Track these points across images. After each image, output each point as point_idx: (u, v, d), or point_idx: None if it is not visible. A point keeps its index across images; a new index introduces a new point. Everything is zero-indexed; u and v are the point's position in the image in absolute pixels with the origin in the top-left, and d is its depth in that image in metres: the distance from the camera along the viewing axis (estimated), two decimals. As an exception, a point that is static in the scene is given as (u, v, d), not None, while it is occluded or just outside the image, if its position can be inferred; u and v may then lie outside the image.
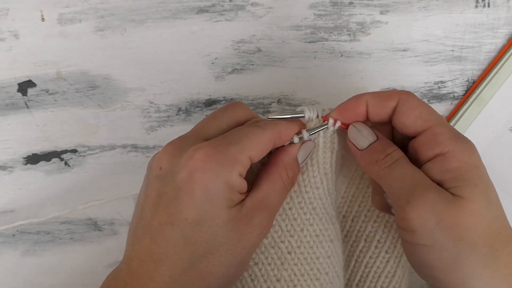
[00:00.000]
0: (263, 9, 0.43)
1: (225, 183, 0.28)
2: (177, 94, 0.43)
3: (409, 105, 0.30)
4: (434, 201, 0.27)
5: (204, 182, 0.27)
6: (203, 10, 0.43)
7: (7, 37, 0.43)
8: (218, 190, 0.27)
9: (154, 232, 0.28)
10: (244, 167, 0.29)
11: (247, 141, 0.29)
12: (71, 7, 0.43)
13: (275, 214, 0.31)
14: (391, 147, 0.31)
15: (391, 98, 0.30)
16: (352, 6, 0.43)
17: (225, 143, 0.29)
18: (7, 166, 0.43)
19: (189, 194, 0.27)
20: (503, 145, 0.42)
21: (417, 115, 0.30)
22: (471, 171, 0.28)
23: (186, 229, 0.27)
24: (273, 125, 0.31)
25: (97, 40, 0.43)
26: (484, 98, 0.42)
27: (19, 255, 0.42)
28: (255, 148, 0.29)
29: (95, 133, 0.43)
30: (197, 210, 0.27)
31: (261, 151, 0.30)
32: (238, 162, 0.28)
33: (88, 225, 0.42)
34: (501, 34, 0.43)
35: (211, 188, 0.27)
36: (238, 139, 0.29)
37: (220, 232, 0.28)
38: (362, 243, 0.35)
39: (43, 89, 0.43)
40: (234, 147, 0.29)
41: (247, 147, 0.29)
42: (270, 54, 0.43)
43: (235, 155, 0.28)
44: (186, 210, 0.27)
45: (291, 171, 0.32)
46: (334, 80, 0.43)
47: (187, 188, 0.27)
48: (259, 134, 0.30)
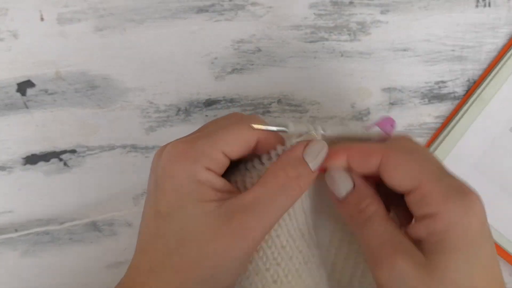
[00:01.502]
0: (263, 8, 0.43)
1: (190, 175, 0.26)
2: (176, 94, 0.43)
3: (393, 163, 0.27)
4: (402, 268, 0.25)
5: (171, 175, 0.27)
6: (202, 10, 0.43)
7: (6, 37, 0.43)
8: (183, 183, 0.26)
9: (142, 224, 0.28)
10: (213, 161, 0.27)
11: (220, 134, 0.27)
12: (71, 6, 0.43)
13: (270, 220, 0.27)
14: (366, 199, 0.28)
15: (372, 155, 0.28)
16: (353, 6, 0.43)
17: (196, 137, 0.28)
18: (6, 167, 0.42)
19: (161, 187, 0.27)
20: (503, 145, 0.42)
21: (403, 174, 0.27)
22: (458, 234, 0.25)
23: (159, 221, 0.27)
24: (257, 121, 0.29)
25: (97, 40, 0.43)
26: (484, 98, 0.42)
27: (18, 256, 0.42)
28: (230, 143, 0.27)
29: (95, 133, 0.43)
30: (167, 202, 0.27)
31: (239, 146, 0.28)
32: (204, 155, 0.27)
33: (87, 225, 0.42)
34: (502, 33, 0.43)
35: (177, 180, 0.27)
36: (212, 132, 0.28)
37: (189, 225, 0.26)
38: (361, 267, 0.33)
39: (42, 89, 0.43)
40: (204, 140, 0.27)
41: (219, 140, 0.27)
42: (270, 54, 0.43)
43: (202, 148, 0.27)
44: (159, 202, 0.27)
45: (293, 170, 0.28)
46: (334, 80, 0.43)
47: (159, 181, 0.27)
48: (237, 128, 0.28)
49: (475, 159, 0.41)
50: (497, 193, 0.41)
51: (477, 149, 0.42)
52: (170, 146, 0.27)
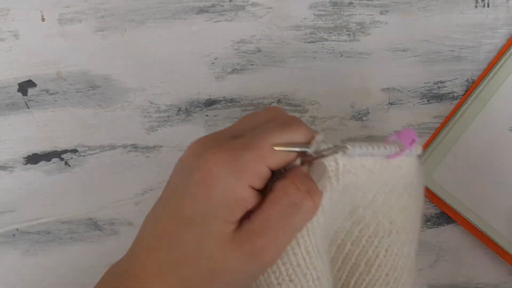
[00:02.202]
0: (263, 9, 0.43)
1: (229, 192, 0.25)
2: (177, 94, 0.43)
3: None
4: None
5: (209, 185, 0.25)
6: (203, 10, 0.43)
7: (7, 37, 0.43)
8: (219, 198, 0.25)
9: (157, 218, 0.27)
10: (257, 178, 0.25)
11: (267, 144, 0.25)
12: (71, 7, 0.43)
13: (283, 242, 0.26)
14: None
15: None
16: (352, 6, 0.43)
17: (241, 146, 0.25)
18: (7, 166, 0.43)
19: (193, 192, 0.26)
20: (502, 145, 0.42)
21: None
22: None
23: (179, 226, 0.26)
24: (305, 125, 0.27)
25: (97, 40, 0.43)
26: (483, 98, 0.42)
27: (19, 255, 0.42)
28: (277, 156, 0.25)
29: (95, 133, 0.43)
30: (193, 210, 0.26)
31: (286, 156, 0.26)
32: (250, 172, 0.25)
33: (88, 225, 0.43)
34: (500, 34, 0.43)
35: (213, 193, 0.25)
36: (258, 142, 0.25)
37: (206, 242, 0.25)
38: (362, 267, 0.33)
39: (43, 89, 0.43)
40: (250, 152, 0.25)
41: (266, 152, 0.25)
42: (270, 54, 0.43)
43: (249, 164, 0.25)
44: (186, 206, 0.26)
45: (303, 185, 0.26)
46: (334, 80, 0.43)
47: (193, 184, 0.25)
48: (285, 134, 0.26)
49: (474, 159, 0.42)
50: (497, 193, 0.41)
51: (476, 149, 0.42)
52: (216, 153, 0.25)
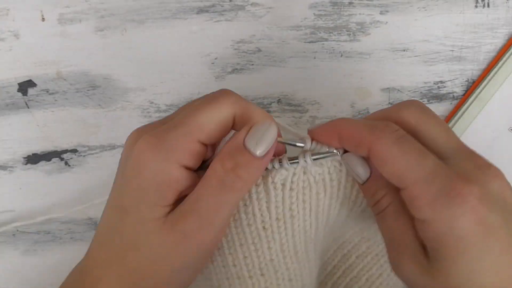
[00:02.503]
0: (263, 9, 0.43)
1: (158, 175, 0.24)
2: (177, 94, 0.43)
3: (380, 159, 0.24)
4: (409, 269, 0.24)
5: (139, 170, 0.25)
6: (203, 10, 0.43)
7: (8, 37, 0.43)
8: (149, 182, 0.24)
9: (103, 213, 0.28)
10: (188, 155, 0.25)
11: (193, 120, 0.25)
12: (71, 7, 0.43)
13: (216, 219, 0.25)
14: (380, 191, 0.26)
15: (360, 145, 0.25)
16: (352, 6, 0.43)
17: (168, 127, 0.25)
18: (7, 166, 0.43)
19: (127, 181, 0.26)
20: (502, 145, 0.42)
21: (389, 172, 0.24)
22: (452, 241, 0.22)
23: (118, 216, 0.26)
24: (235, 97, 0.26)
25: (97, 40, 0.43)
26: (483, 98, 0.42)
27: (19, 255, 0.42)
28: (204, 128, 0.25)
29: (95, 133, 0.43)
30: (128, 198, 0.26)
31: (215, 130, 0.25)
32: (177, 150, 0.24)
33: (88, 224, 0.43)
34: (500, 34, 0.43)
35: (143, 178, 0.25)
36: (184, 120, 0.25)
37: (141, 229, 0.25)
38: (363, 281, 0.33)
39: (43, 89, 0.43)
40: (176, 131, 0.24)
41: (193, 129, 0.24)
42: (270, 54, 0.43)
43: (175, 142, 0.24)
44: (123, 196, 0.26)
45: (230, 161, 0.24)
46: (334, 80, 0.43)
47: (127, 174, 0.26)
48: (210, 110, 0.25)
49: (474, 159, 0.41)
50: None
51: (476, 149, 0.41)
52: (142, 139, 0.25)
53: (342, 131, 0.26)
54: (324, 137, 0.27)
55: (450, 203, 0.22)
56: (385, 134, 0.24)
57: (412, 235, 0.25)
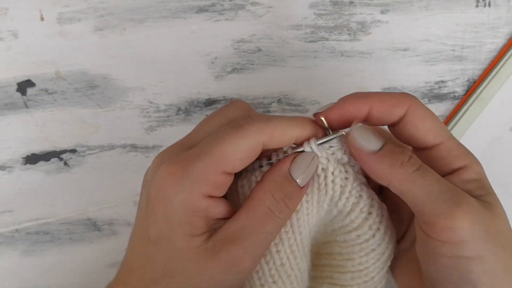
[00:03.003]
0: (263, 8, 0.43)
1: (185, 205, 0.24)
2: (176, 93, 0.43)
3: (420, 115, 0.26)
4: (478, 207, 0.24)
5: (165, 201, 0.25)
6: (203, 10, 0.43)
7: (6, 36, 0.43)
8: (176, 212, 0.24)
9: (131, 241, 0.27)
10: (213, 186, 0.25)
11: (220, 150, 0.24)
12: (71, 6, 0.43)
13: (260, 249, 0.26)
14: (408, 147, 0.27)
15: (399, 105, 0.26)
16: (353, 6, 0.43)
17: (192, 157, 0.25)
18: (6, 166, 0.42)
19: (152, 212, 0.26)
20: (503, 145, 0.42)
21: (428, 128, 0.26)
22: (486, 181, 0.27)
23: (148, 247, 0.26)
24: (260, 123, 0.25)
25: (97, 40, 0.43)
26: (484, 98, 0.42)
27: (18, 255, 0.42)
28: (231, 159, 0.24)
29: (95, 133, 0.43)
30: (157, 229, 0.25)
31: (241, 160, 0.25)
32: (203, 181, 0.24)
33: (87, 225, 0.42)
34: (501, 33, 0.43)
35: (170, 209, 0.25)
36: (209, 150, 0.25)
37: (177, 258, 0.25)
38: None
39: (42, 89, 0.43)
40: (202, 161, 0.24)
41: (220, 159, 0.24)
42: (270, 54, 0.43)
43: (201, 172, 0.24)
44: (150, 227, 0.26)
45: (279, 192, 0.25)
46: (334, 80, 0.43)
47: (152, 204, 0.25)
48: (239, 139, 0.25)
49: (475, 159, 0.41)
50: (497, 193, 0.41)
51: (477, 148, 0.42)
52: (164, 168, 0.25)
53: (372, 96, 0.27)
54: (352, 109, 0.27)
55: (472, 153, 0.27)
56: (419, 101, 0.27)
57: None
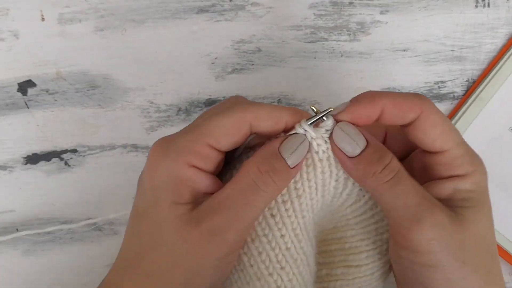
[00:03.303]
0: (263, 9, 0.43)
1: (170, 174, 0.25)
2: (177, 94, 0.43)
3: (431, 122, 0.26)
4: (443, 222, 0.25)
5: (152, 173, 0.26)
6: (203, 10, 0.43)
7: (7, 37, 0.43)
8: (162, 181, 0.25)
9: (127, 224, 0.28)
10: (198, 157, 0.25)
11: (206, 125, 0.25)
12: (71, 7, 0.43)
13: (244, 220, 0.25)
14: (388, 155, 0.26)
15: (412, 109, 0.26)
16: (352, 6, 0.43)
17: (182, 131, 0.26)
18: (7, 166, 0.43)
19: (142, 185, 0.27)
20: (503, 145, 0.42)
21: (437, 135, 0.26)
22: (481, 194, 0.27)
23: (135, 220, 0.27)
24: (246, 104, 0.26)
25: (97, 40, 0.43)
26: (484, 98, 0.42)
27: (19, 255, 0.42)
28: (215, 133, 0.25)
29: (95, 133, 0.43)
30: (144, 201, 0.26)
31: (228, 136, 0.25)
32: (186, 151, 0.25)
33: (88, 225, 0.42)
34: (501, 34, 0.43)
35: (156, 179, 0.25)
36: (198, 125, 0.26)
37: (163, 228, 0.25)
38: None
39: (43, 89, 0.43)
40: (187, 134, 0.26)
41: (205, 132, 0.25)
42: (270, 54, 0.43)
43: (185, 143, 0.25)
44: (137, 200, 0.27)
45: (265, 165, 0.25)
46: (334, 80, 0.43)
47: (142, 178, 0.27)
48: (224, 117, 0.25)
49: (474, 159, 0.41)
50: (497, 193, 0.41)
51: (476, 149, 0.41)
52: (154, 143, 0.26)
53: (385, 98, 0.26)
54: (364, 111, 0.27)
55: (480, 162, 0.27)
56: (433, 105, 0.27)
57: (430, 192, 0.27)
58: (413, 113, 0.26)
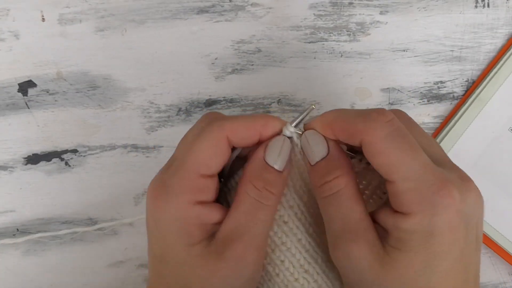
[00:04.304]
0: (263, 9, 0.43)
1: (173, 218, 0.25)
2: (177, 94, 0.43)
3: (372, 149, 0.24)
4: (358, 257, 0.24)
5: (155, 218, 0.26)
6: (203, 11, 0.43)
7: (8, 37, 0.43)
8: (168, 227, 0.25)
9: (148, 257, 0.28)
10: (198, 191, 0.25)
11: (191, 157, 0.25)
12: (71, 7, 0.43)
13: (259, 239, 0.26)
14: (336, 171, 0.25)
15: (354, 134, 0.25)
16: (352, 7, 0.43)
17: (168, 174, 0.26)
18: (8, 166, 0.43)
19: (150, 230, 0.26)
20: (502, 145, 0.42)
21: (380, 163, 0.24)
22: (423, 237, 0.23)
23: (158, 265, 0.27)
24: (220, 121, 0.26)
25: (98, 40, 0.43)
26: (483, 98, 0.42)
27: (19, 255, 0.42)
28: (203, 160, 0.25)
29: (96, 133, 0.43)
30: (158, 247, 0.26)
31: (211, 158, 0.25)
32: (185, 191, 0.25)
33: (88, 225, 0.43)
34: (500, 34, 0.43)
35: (162, 225, 0.25)
36: (180, 161, 0.25)
37: (186, 270, 0.25)
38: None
39: (43, 89, 0.43)
40: (178, 173, 0.25)
41: (193, 164, 0.25)
42: (270, 54, 0.43)
43: (180, 183, 0.25)
44: (153, 246, 0.27)
45: (259, 181, 0.26)
46: (334, 80, 0.43)
47: (148, 222, 0.27)
48: (203, 140, 0.25)
49: (474, 159, 0.42)
50: (496, 193, 0.41)
51: (476, 149, 0.42)
52: (149, 187, 0.26)
53: (334, 124, 0.26)
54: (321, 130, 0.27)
55: (435, 202, 0.23)
56: (379, 125, 0.24)
57: (369, 222, 0.25)
58: (356, 138, 0.25)
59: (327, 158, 0.26)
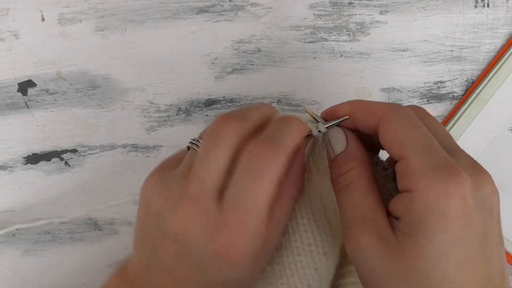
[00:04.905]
0: (262, 9, 0.43)
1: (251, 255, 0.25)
2: (177, 94, 0.43)
3: (387, 126, 0.25)
4: (367, 247, 0.24)
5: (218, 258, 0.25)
6: (203, 10, 0.43)
7: (7, 37, 0.43)
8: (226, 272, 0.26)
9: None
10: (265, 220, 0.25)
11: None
12: (71, 7, 0.43)
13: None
14: (350, 163, 0.26)
15: (373, 114, 0.26)
16: (352, 6, 0.43)
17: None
18: (7, 166, 0.43)
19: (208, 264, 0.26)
20: (502, 145, 0.42)
21: (392, 140, 0.24)
22: (435, 219, 0.22)
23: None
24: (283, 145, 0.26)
25: (97, 40, 0.43)
26: (483, 98, 0.42)
27: (19, 255, 0.42)
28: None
29: (95, 133, 0.43)
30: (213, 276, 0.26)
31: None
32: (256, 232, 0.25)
33: (88, 224, 0.43)
34: (500, 34, 0.43)
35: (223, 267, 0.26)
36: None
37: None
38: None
39: (43, 89, 0.43)
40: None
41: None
42: (270, 54, 0.43)
43: (250, 226, 0.25)
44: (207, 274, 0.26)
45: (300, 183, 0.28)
46: (333, 80, 0.43)
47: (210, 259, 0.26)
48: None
49: (473, 159, 0.42)
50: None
51: (476, 149, 0.42)
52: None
53: (355, 103, 0.28)
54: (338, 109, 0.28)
55: (446, 178, 0.22)
56: (399, 111, 0.25)
57: (381, 212, 0.25)
58: (373, 118, 0.26)
59: (344, 152, 0.27)
